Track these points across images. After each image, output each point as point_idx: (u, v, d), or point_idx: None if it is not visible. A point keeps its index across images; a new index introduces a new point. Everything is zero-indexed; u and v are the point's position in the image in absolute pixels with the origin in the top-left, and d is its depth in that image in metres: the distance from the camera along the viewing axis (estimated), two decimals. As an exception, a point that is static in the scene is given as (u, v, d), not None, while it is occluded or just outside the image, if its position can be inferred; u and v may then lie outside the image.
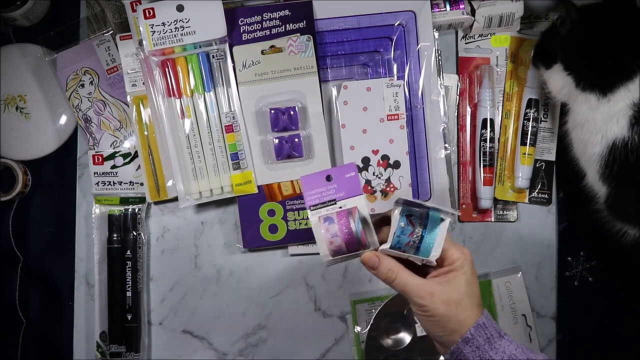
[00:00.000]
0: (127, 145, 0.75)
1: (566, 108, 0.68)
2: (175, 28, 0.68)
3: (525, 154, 0.73)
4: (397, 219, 0.54)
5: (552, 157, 0.76)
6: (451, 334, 0.52)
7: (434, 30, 0.73)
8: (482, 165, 0.74)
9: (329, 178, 0.57)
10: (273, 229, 0.73)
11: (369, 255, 0.54)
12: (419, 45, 0.73)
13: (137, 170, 0.75)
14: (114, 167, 0.74)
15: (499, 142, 0.76)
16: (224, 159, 0.72)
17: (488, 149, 0.74)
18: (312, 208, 0.56)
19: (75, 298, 0.75)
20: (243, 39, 0.72)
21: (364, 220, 0.55)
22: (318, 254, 0.56)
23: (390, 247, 0.54)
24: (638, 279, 0.74)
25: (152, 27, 0.68)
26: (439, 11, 0.73)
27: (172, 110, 0.71)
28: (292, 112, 0.71)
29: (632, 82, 0.62)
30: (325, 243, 0.55)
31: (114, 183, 0.74)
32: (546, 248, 0.76)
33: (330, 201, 0.56)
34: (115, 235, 0.74)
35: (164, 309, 0.76)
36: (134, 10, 0.70)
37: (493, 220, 0.76)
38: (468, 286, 0.53)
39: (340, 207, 0.56)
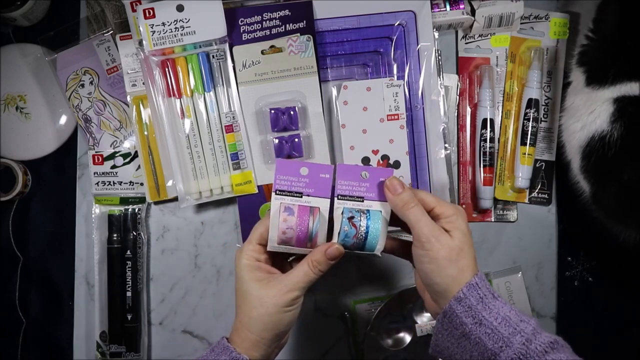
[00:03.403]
0: (127, 145, 0.75)
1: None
2: (175, 28, 0.68)
3: (525, 154, 0.73)
4: (339, 221, 0.55)
5: (552, 157, 0.76)
6: (450, 283, 0.52)
7: (434, 30, 0.73)
8: (482, 165, 0.74)
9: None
10: (273, 229, 0.73)
11: (396, 180, 0.55)
12: (419, 45, 0.73)
13: (137, 170, 0.75)
14: (114, 167, 0.74)
15: (499, 142, 0.76)
16: (224, 159, 0.72)
17: (488, 149, 0.74)
18: (278, 192, 0.57)
19: (75, 298, 0.75)
20: (243, 39, 0.72)
21: (322, 223, 0.56)
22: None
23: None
24: (638, 279, 0.74)
25: (152, 27, 0.68)
26: (439, 11, 0.73)
27: (172, 110, 0.71)
28: (292, 112, 0.71)
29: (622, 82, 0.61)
30: (278, 231, 0.55)
31: (114, 183, 0.74)
32: (546, 248, 0.76)
33: (297, 193, 0.57)
34: (115, 235, 0.74)
35: (164, 309, 0.76)
36: (134, 10, 0.70)
37: (493, 220, 0.76)
38: (465, 237, 0.54)
39: (304, 202, 0.56)
